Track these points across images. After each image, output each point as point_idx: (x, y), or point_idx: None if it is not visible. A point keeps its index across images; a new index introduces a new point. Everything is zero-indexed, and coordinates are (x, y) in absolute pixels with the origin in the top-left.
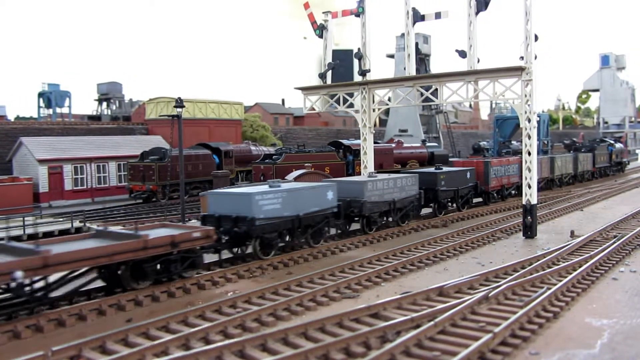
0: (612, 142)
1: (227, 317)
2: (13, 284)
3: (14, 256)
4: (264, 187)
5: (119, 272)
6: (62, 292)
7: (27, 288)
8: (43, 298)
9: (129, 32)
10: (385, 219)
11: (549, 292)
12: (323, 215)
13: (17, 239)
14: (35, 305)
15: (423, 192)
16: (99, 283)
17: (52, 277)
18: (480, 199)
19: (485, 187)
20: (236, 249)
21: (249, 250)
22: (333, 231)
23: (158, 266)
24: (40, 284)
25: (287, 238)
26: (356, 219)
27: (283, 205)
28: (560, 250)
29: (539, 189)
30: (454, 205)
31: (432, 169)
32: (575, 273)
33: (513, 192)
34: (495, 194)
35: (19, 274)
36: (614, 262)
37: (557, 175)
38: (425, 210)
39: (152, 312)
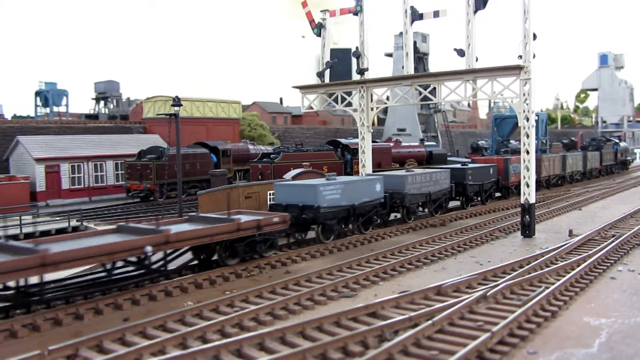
0: (617, 141)
1: (225, 316)
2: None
3: (139, 235)
4: (323, 180)
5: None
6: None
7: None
8: (162, 271)
9: (126, 30)
10: (423, 209)
11: (547, 291)
12: (372, 205)
13: (14, 238)
14: (155, 277)
15: (454, 186)
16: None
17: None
18: (499, 194)
19: (505, 182)
20: (298, 234)
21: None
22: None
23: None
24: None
25: (343, 225)
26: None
27: (341, 196)
28: (559, 250)
29: (552, 185)
30: (479, 198)
31: (460, 165)
32: (573, 272)
33: None
34: (514, 189)
35: (149, 248)
36: (612, 261)
37: (568, 173)
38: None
39: (149, 311)
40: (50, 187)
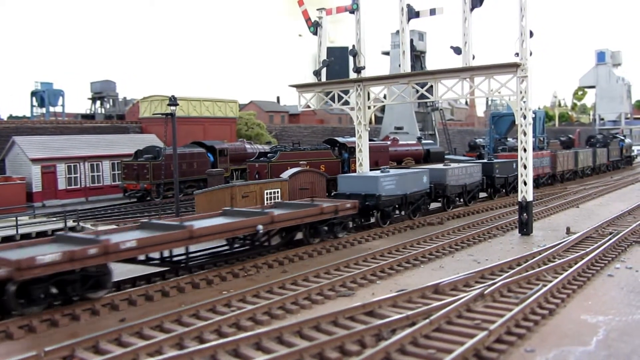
0: (622, 137)
1: (221, 316)
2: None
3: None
4: (379, 173)
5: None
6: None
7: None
8: (265, 246)
9: (122, 30)
10: (459, 199)
11: (545, 289)
12: (420, 194)
13: (10, 239)
14: (259, 252)
15: (485, 179)
16: None
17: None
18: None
19: None
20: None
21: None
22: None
23: (326, 228)
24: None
25: (397, 212)
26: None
27: (396, 186)
28: (556, 247)
29: (566, 179)
30: (504, 190)
31: (488, 160)
32: (571, 270)
33: (546, 180)
34: (533, 182)
35: (260, 227)
36: (610, 258)
37: (580, 168)
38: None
39: (145, 312)
40: (46, 187)
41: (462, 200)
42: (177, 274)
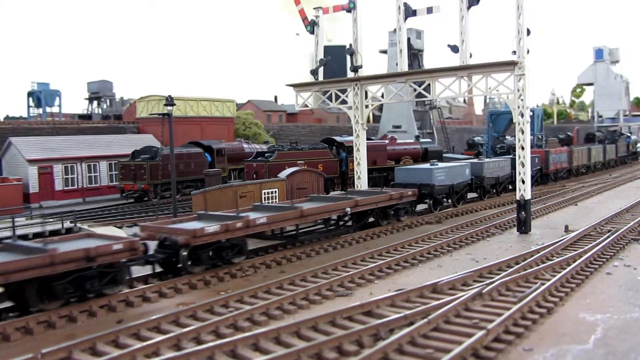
0: (628, 134)
1: (219, 316)
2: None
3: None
4: (429, 165)
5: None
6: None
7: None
8: (349, 226)
9: (119, 30)
10: (494, 190)
11: (543, 287)
12: (463, 185)
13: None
14: (342, 232)
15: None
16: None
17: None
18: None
19: (546, 169)
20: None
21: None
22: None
23: (392, 212)
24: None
25: (446, 200)
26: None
27: (446, 177)
28: (555, 246)
29: (580, 173)
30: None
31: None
32: (569, 268)
33: (564, 174)
34: (552, 175)
35: (348, 209)
36: (608, 256)
37: (592, 162)
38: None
39: (143, 313)
40: (43, 188)
41: (495, 190)
42: (285, 247)
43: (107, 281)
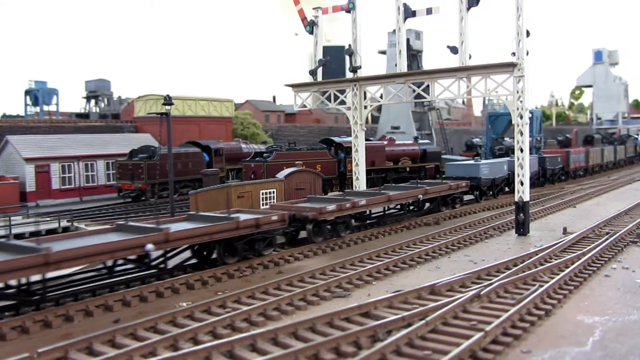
0: (636, 136)
1: (216, 317)
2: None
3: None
4: (473, 161)
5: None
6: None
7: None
8: (417, 211)
9: (117, 28)
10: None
11: (541, 289)
12: (502, 179)
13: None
14: (412, 216)
15: (540, 169)
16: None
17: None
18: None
19: (567, 167)
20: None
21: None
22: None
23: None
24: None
25: (489, 192)
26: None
27: (489, 171)
28: (553, 248)
29: (594, 172)
30: (551, 179)
31: (541, 155)
32: (567, 270)
33: (581, 172)
34: (572, 173)
35: (420, 196)
36: (607, 259)
37: (604, 162)
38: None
39: (140, 313)
40: (40, 187)
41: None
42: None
43: (265, 244)
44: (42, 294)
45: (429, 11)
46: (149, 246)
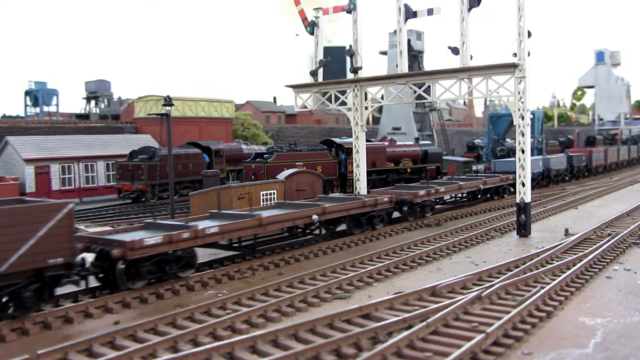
0: None
1: (216, 318)
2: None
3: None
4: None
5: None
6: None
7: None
8: (479, 199)
9: (118, 29)
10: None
11: (543, 291)
12: (538, 174)
13: None
14: (470, 205)
15: (569, 167)
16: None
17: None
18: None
19: (590, 165)
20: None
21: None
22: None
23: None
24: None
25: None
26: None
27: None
28: (554, 249)
29: (611, 169)
30: (576, 175)
31: (569, 154)
32: (569, 272)
33: (600, 169)
34: (594, 170)
35: (481, 186)
36: (608, 260)
37: (620, 160)
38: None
39: (140, 314)
40: (40, 188)
41: (556, 180)
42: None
43: (379, 220)
44: (252, 247)
45: (430, 12)
46: (315, 216)
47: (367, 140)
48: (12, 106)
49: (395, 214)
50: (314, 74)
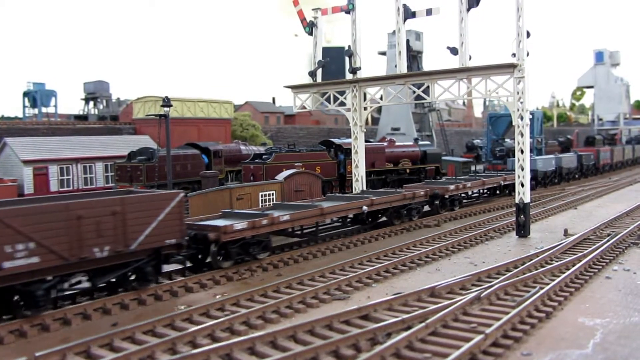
0: None
1: (215, 320)
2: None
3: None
4: (534, 156)
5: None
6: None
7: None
8: (498, 194)
9: (116, 30)
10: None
11: (542, 291)
12: (552, 171)
13: None
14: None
15: (579, 165)
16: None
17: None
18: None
19: (598, 164)
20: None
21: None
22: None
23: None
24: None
25: (542, 182)
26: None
27: (543, 165)
28: (554, 249)
29: (617, 168)
30: (585, 173)
31: (578, 153)
32: (568, 272)
33: (607, 168)
34: (601, 168)
35: (502, 182)
36: (608, 260)
37: (625, 159)
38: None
39: (138, 316)
40: (38, 189)
41: (567, 178)
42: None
43: (416, 212)
44: (315, 234)
45: (428, 12)
46: (365, 207)
47: (366, 141)
48: (10, 107)
49: (425, 208)
50: (312, 74)
